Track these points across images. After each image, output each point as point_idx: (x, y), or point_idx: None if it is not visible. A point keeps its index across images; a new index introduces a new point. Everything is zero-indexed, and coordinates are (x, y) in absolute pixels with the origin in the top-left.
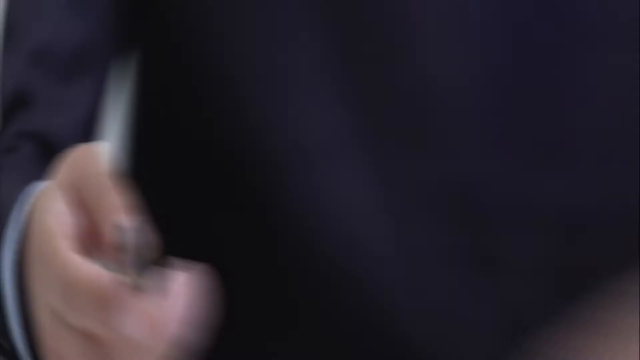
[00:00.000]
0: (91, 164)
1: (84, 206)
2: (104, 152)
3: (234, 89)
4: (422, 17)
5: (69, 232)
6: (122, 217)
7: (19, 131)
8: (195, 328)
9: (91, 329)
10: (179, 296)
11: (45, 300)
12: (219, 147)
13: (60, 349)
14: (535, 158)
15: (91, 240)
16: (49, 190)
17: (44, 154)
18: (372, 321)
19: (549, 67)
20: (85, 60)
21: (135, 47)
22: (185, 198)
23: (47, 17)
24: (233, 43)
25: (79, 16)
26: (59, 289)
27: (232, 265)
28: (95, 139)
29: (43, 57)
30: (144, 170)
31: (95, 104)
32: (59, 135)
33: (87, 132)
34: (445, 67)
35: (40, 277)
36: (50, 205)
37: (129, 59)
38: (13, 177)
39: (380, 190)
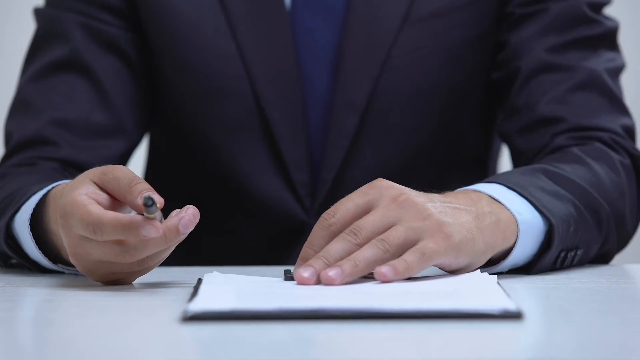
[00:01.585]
0: (116, 169)
1: (107, 192)
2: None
3: (200, 139)
4: None
5: (94, 199)
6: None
7: (38, 156)
8: (184, 230)
9: (115, 238)
10: (174, 217)
11: (72, 232)
12: (195, 163)
13: (88, 255)
14: None
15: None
16: (79, 178)
17: (62, 170)
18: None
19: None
20: (104, 133)
21: (149, 124)
22: (179, 183)
23: (72, 101)
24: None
25: (102, 107)
26: (85, 225)
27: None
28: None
29: (65, 124)
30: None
31: (112, 158)
32: (78, 164)
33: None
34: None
35: (65, 222)
36: (80, 185)
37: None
38: (31, 174)
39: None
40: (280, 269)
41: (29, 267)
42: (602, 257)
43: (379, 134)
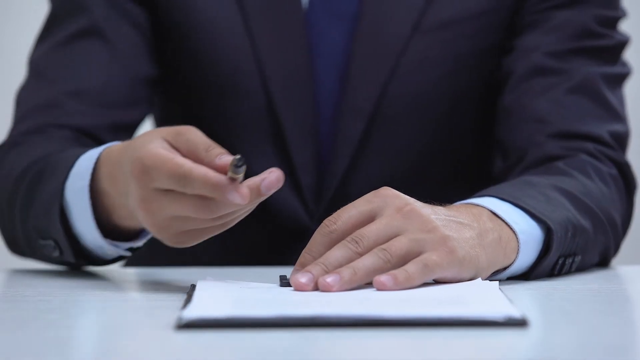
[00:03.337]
0: (190, 131)
1: (180, 152)
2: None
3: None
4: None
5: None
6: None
7: (49, 123)
8: (265, 192)
9: (201, 193)
10: (257, 177)
11: (150, 186)
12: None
13: (162, 210)
14: None
15: None
16: (148, 135)
17: (74, 139)
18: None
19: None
20: (118, 104)
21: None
22: None
23: (88, 70)
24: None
25: (119, 79)
26: (173, 175)
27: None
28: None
29: (79, 94)
30: None
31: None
32: (91, 132)
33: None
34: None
35: (144, 176)
36: (153, 140)
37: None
38: (48, 141)
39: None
40: (277, 272)
41: (60, 250)
42: (601, 263)
43: (384, 141)
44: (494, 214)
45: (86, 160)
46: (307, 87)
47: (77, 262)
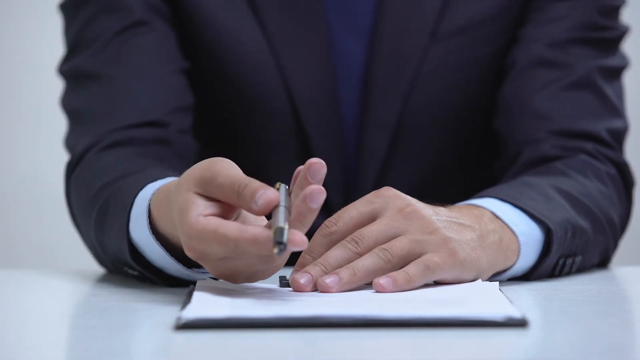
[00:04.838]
0: (216, 175)
1: (214, 197)
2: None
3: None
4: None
5: (212, 213)
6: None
7: (113, 130)
8: (316, 206)
9: (259, 254)
10: (300, 196)
11: (212, 258)
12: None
13: (240, 272)
14: None
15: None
16: (183, 194)
17: (142, 143)
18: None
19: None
20: (172, 87)
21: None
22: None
23: (140, 60)
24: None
25: (167, 59)
26: (225, 249)
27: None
28: None
29: (138, 87)
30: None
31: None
32: (155, 120)
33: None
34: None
35: (202, 255)
36: (190, 206)
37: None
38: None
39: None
40: (277, 272)
41: (150, 278)
42: (601, 264)
43: (409, 153)
44: (495, 215)
45: (140, 207)
46: (332, 104)
47: (172, 287)
